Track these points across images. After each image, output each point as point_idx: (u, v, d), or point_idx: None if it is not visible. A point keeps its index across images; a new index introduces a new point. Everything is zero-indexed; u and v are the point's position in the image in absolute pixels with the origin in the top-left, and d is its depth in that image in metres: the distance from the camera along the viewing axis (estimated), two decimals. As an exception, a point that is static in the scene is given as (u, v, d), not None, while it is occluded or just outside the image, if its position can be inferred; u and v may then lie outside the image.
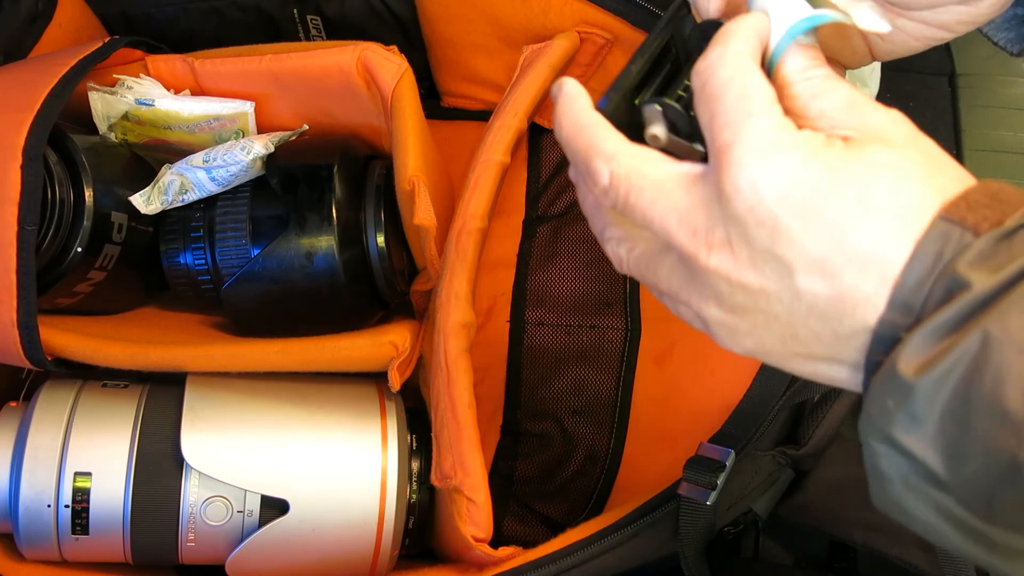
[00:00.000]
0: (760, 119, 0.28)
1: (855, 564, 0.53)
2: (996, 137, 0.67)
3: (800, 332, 0.29)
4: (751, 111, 0.28)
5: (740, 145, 0.28)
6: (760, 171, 0.27)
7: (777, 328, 0.29)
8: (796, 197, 0.27)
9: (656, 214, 0.30)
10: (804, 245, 0.27)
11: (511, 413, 0.60)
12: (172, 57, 0.53)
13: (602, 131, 0.31)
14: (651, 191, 0.30)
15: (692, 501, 0.45)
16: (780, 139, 0.28)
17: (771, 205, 0.27)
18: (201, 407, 0.50)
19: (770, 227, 0.28)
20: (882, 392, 0.26)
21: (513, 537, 0.58)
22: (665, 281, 0.31)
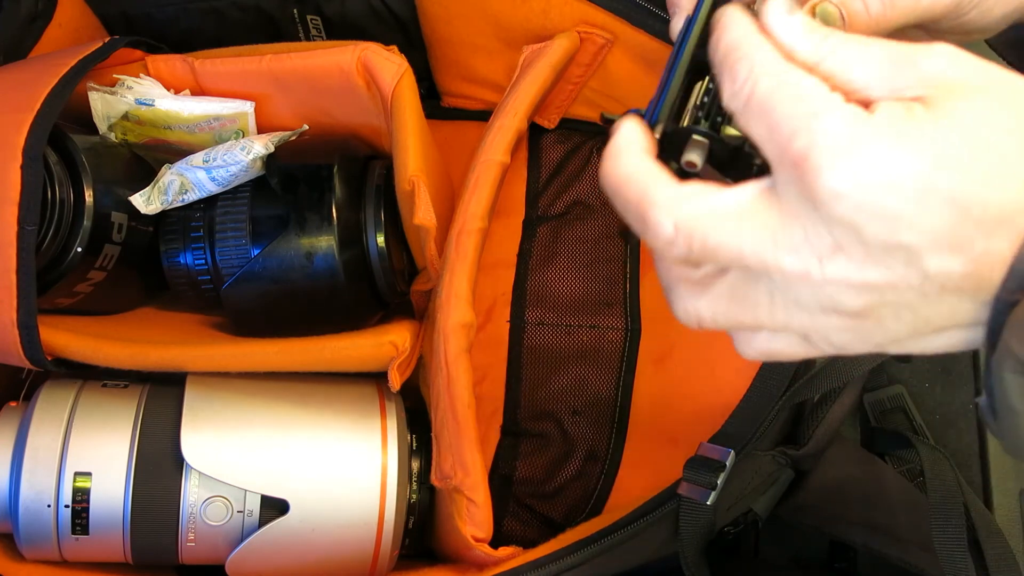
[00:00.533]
0: (829, 116, 0.27)
1: (855, 564, 0.53)
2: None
3: (934, 313, 0.27)
4: (815, 110, 0.27)
5: (820, 148, 0.26)
6: (853, 168, 0.26)
7: (908, 316, 0.28)
8: (900, 180, 0.26)
9: (746, 243, 0.28)
10: (925, 225, 0.26)
11: (511, 413, 0.60)
12: (172, 57, 0.53)
13: (652, 179, 0.29)
14: (728, 224, 0.28)
15: (692, 501, 0.45)
16: (858, 130, 0.26)
17: (879, 196, 0.26)
18: (201, 407, 0.50)
19: (885, 218, 0.26)
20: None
21: (513, 537, 0.58)
22: (767, 315, 0.29)
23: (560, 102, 0.61)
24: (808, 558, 0.55)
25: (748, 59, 0.29)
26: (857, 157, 0.26)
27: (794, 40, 0.29)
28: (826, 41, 0.29)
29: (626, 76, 0.57)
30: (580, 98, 0.61)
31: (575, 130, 0.64)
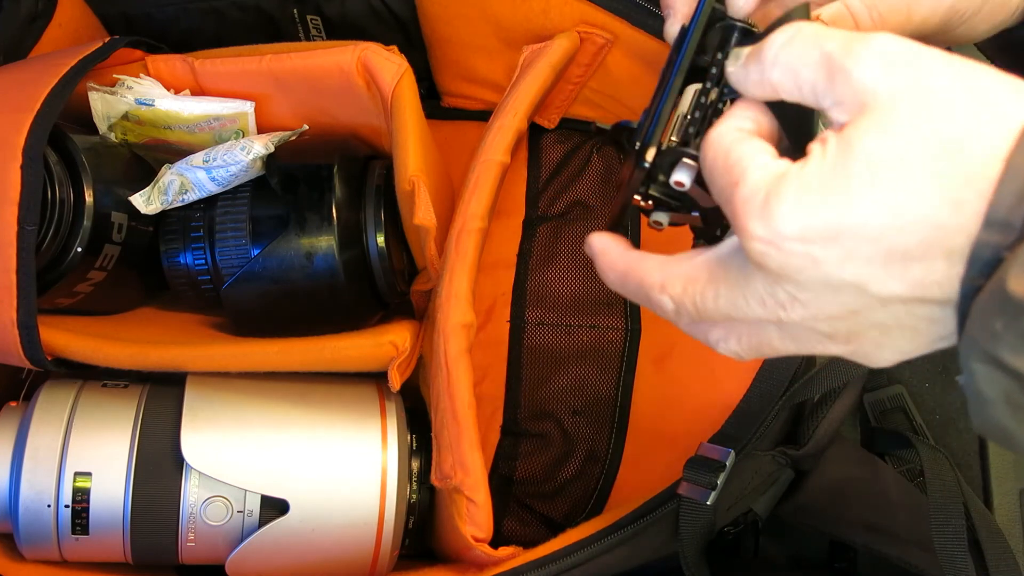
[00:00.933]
0: (748, 178, 0.28)
1: (855, 564, 0.53)
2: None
3: (912, 320, 0.28)
4: (739, 175, 0.29)
5: (739, 212, 0.28)
6: (767, 225, 0.27)
7: (899, 333, 0.29)
8: (814, 223, 0.27)
9: (725, 307, 0.30)
10: (852, 265, 0.27)
11: (511, 413, 0.60)
12: (172, 57, 0.53)
13: (643, 265, 0.32)
14: (711, 290, 0.30)
15: (692, 501, 0.45)
16: (771, 187, 0.28)
17: (796, 247, 0.27)
18: (201, 407, 0.50)
19: (810, 265, 0.27)
20: (988, 312, 0.25)
21: (513, 537, 0.58)
22: (782, 347, 0.31)
23: (560, 102, 0.61)
24: (808, 558, 0.55)
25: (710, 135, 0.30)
26: (769, 214, 0.27)
27: (737, 74, 0.31)
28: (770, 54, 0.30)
29: (626, 76, 0.57)
30: (580, 98, 0.61)
31: (575, 130, 0.64)
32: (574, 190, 0.63)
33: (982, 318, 0.26)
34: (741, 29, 0.35)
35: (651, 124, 0.33)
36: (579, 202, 0.63)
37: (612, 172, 0.63)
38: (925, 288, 0.27)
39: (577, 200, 0.63)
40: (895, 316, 0.28)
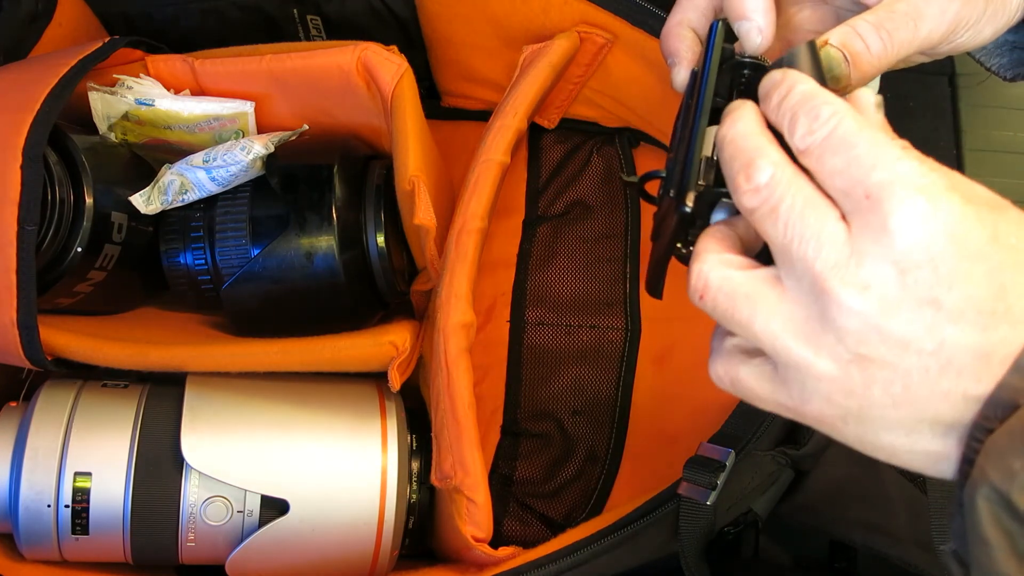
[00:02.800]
0: (910, 162, 0.28)
1: (855, 564, 0.53)
2: (996, 137, 0.67)
3: (921, 393, 0.28)
4: (897, 155, 0.28)
5: (902, 185, 0.27)
6: (928, 212, 0.27)
7: (897, 387, 0.28)
8: (966, 239, 0.27)
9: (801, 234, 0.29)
10: (966, 289, 0.27)
11: (511, 413, 0.60)
12: (172, 57, 0.53)
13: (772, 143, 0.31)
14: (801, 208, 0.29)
15: (692, 501, 0.45)
16: (936, 180, 0.27)
17: (940, 246, 0.27)
18: (201, 407, 0.50)
19: (934, 268, 0.27)
20: (1008, 451, 0.25)
21: (513, 537, 0.58)
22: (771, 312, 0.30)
23: (560, 102, 0.61)
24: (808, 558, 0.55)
25: (831, 104, 0.30)
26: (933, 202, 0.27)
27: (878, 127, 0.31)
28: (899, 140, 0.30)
29: (626, 76, 0.57)
30: (580, 98, 0.61)
31: (575, 130, 0.64)
32: (574, 190, 0.63)
33: (1000, 456, 0.26)
34: (751, 66, 0.35)
35: (684, 169, 0.33)
36: (579, 202, 0.63)
37: (612, 172, 0.63)
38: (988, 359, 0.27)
39: (577, 200, 0.63)
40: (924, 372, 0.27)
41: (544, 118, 0.63)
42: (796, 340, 0.29)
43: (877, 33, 0.35)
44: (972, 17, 0.36)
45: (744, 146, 0.31)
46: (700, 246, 0.32)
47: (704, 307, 0.31)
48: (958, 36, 0.37)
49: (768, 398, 0.31)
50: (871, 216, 0.27)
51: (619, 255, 0.62)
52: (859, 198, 0.28)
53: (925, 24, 0.35)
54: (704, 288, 0.31)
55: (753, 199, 0.30)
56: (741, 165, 0.31)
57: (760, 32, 0.37)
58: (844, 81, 0.35)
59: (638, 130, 0.62)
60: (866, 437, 0.30)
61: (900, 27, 0.35)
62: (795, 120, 0.30)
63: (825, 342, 0.28)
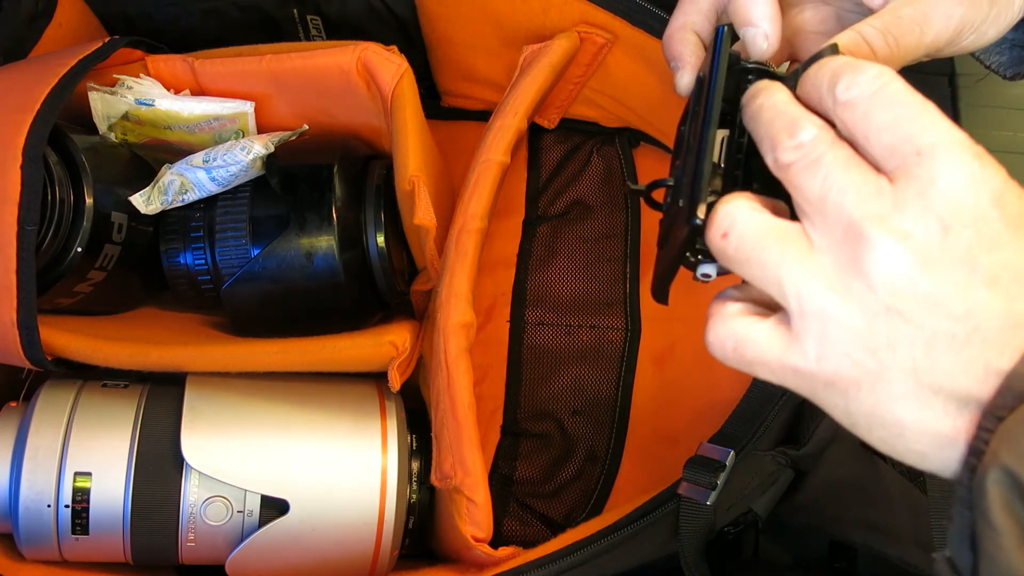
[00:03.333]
0: (956, 127, 0.28)
1: (855, 564, 0.53)
2: (996, 137, 0.67)
3: (943, 363, 0.27)
4: (947, 121, 0.28)
5: (952, 143, 0.27)
6: (981, 171, 0.27)
7: (920, 349, 0.27)
8: (1011, 206, 0.27)
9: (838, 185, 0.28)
10: (1004, 255, 0.26)
11: (511, 413, 0.60)
12: (172, 57, 0.53)
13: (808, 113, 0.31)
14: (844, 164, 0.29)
15: (692, 501, 0.45)
16: (982, 149, 0.27)
17: (986, 205, 0.27)
18: (201, 407, 0.50)
19: (976, 228, 0.27)
20: (1023, 437, 0.25)
21: (513, 537, 0.58)
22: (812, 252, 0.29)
23: (560, 102, 0.61)
24: (808, 558, 0.55)
25: (876, 66, 0.29)
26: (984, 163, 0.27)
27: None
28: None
29: (626, 76, 0.57)
30: (580, 98, 0.61)
31: (575, 130, 0.64)
32: (574, 190, 0.63)
33: (1015, 438, 0.25)
34: (756, 71, 0.35)
35: (695, 180, 0.33)
36: (579, 202, 0.63)
37: (612, 172, 0.63)
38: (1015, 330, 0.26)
39: (577, 200, 0.63)
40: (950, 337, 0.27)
41: (544, 118, 0.63)
42: (824, 286, 0.28)
43: (884, 39, 0.35)
44: (977, 20, 0.36)
45: (786, 110, 0.31)
46: (729, 197, 0.31)
47: (725, 247, 0.30)
48: (963, 39, 0.37)
49: (776, 360, 0.30)
50: (920, 170, 0.27)
51: (619, 255, 0.62)
52: (908, 153, 0.28)
53: (931, 29, 0.35)
54: (730, 226, 0.30)
55: (795, 153, 0.29)
56: (784, 124, 0.30)
57: (766, 38, 0.37)
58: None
59: (638, 130, 0.62)
60: (878, 407, 0.28)
61: (906, 33, 0.35)
62: (837, 76, 0.30)
63: (856, 289, 0.28)
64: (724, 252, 0.30)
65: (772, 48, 0.37)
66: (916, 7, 0.35)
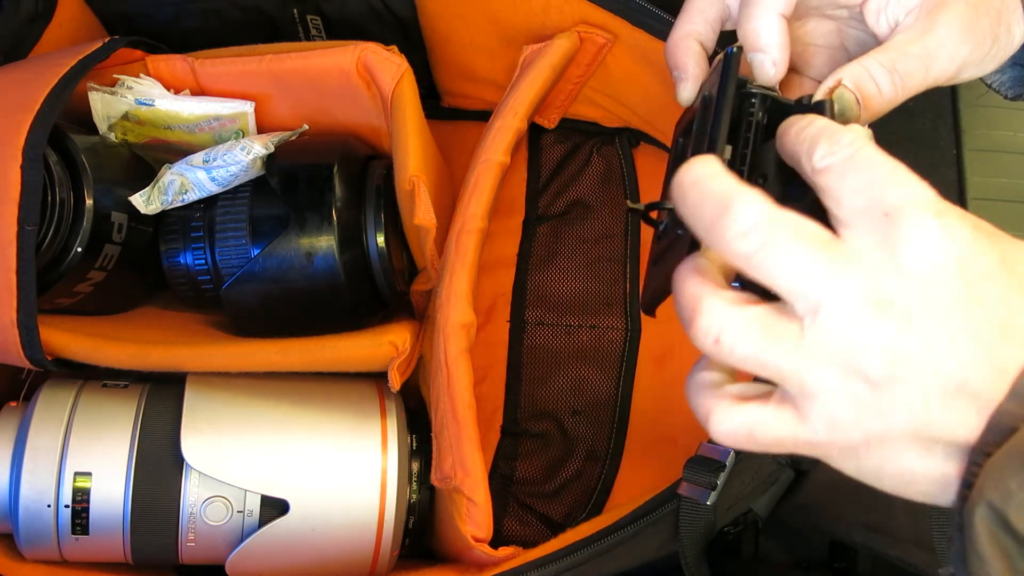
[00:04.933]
0: (927, 188, 0.28)
1: (855, 564, 0.53)
2: (996, 137, 0.67)
3: (941, 409, 0.28)
4: (916, 180, 0.28)
5: (919, 204, 0.28)
6: (946, 230, 0.27)
7: (918, 407, 0.28)
8: (979, 261, 0.27)
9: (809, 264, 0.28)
10: (979, 310, 0.27)
11: (511, 413, 0.60)
12: (172, 57, 0.53)
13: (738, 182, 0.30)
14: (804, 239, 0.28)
15: (692, 501, 0.45)
16: (949, 207, 0.28)
17: (955, 266, 0.27)
18: (201, 407, 0.50)
19: (948, 286, 0.27)
20: (1005, 471, 0.26)
21: (513, 537, 0.58)
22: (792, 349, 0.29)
23: (560, 102, 0.61)
24: (808, 558, 0.55)
25: (851, 132, 0.30)
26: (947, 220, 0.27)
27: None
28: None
29: (626, 76, 0.57)
30: (580, 98, 0.61)
31: (575, 130, 0.64)
32: (574, 190, 0.63)
33: (999, 475, 0.26)
34: (761, 96, 0.35)
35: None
36: (579, 202, 0.63)
37: (612, 172, 0.63)
38: (995, 380, 0.27)
39: (577, 200, 0.63)
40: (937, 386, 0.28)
41: (544, 118, 0.63)
42: (822, 367, 0.28)
43: (890, 77, 0.35)
44: (978, 58, 0.37)
45: (712, 189, 0.29)
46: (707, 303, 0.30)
47: (720, 352, 0.30)
48: (963, 74, 0.37)
49: (791, 439, 0.30)
50: (889, 232, 0.28)
51: (619, 255, 0.62)
52: (878, 215, 0.28)
53: (936, 67, 0.36)
54: (719, 333, 0.30)
55: (743, 245, 0.29)
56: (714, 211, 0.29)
57: (774, 64, 0.37)
58: (852, 122, 0.35)
59: (638, 130, 0.62)
60: (886, 462, 0.29)
61: (912, 71, 0.35)
62: (815, 143, 0.30)
63: (853, 362, 0.28)
64: (721, 357, 0.30)
65: (780, 75, 0.38)
66: (922, 46, 0.36)
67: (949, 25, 0.36)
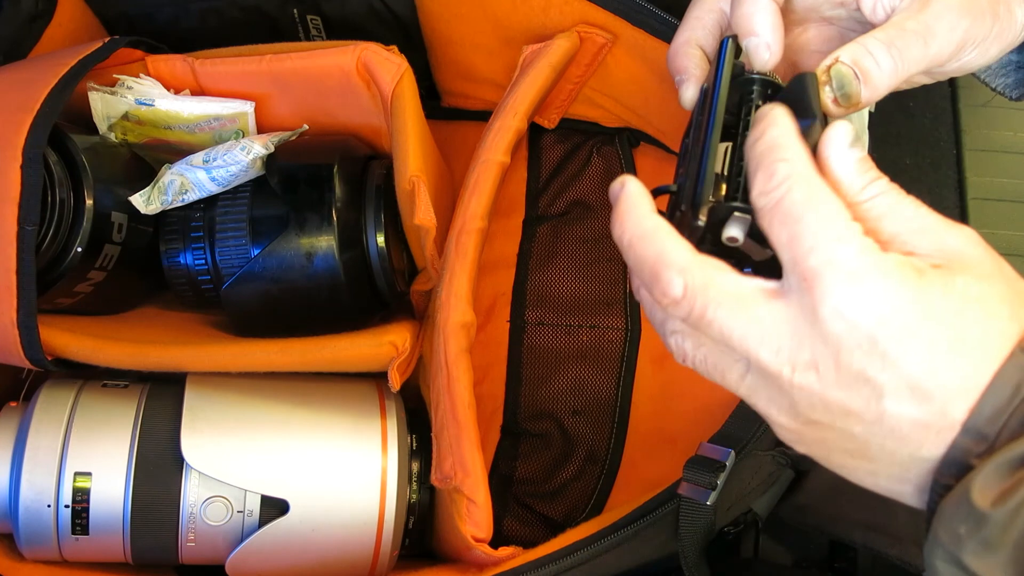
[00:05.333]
0: (848, 244, 0.28)
1: (855, 564, 0.53)
2: (996, 137, 0.67)
3: (873, 451, 0.29)
4: (838, 235, 0.28)
5: (834, 270, 0.28)
6: (859, 296, 0.28)
7: (849, 444, 0.30)
8: (895, 321, 0.28)
9: (736, 330, 0.30)
10: (899, 368, 0.28)
11: (511, 413, 0.60)
12: (172, 57, 0.53)
13: (671, 240, 0.31)
14: (729, 307, 0.30)
15: (692, 501, 0.45)
16: (872, 263, 0.28)
17: (871, 328, 0.28)
18: (201, 407, 0.50)
19: (866, 350, 0.28)
20: (953, 517, 0.27)
21: (513, 537, 0.58)
22: (734, 384, 0.31)
23: (560, 102, 0.61)
24: (808, 558, 0.55)
25: (787, 163, 0.30)
26: (864, 287, 0.28)
27: (845, 172, 0.30)
28: (872, 185, 0.30)
29: (626, 76, 0.57)
30: (580, 98, 0.61)
31: (575, 130, 0.64)
32: (574, 190, 0.63)
33: (948, 521, 0.27)
34: (760, 82, 0.35)
35: (697, 184, 0.33)
36: (579, 202, 0.63)
37: (612, 172, 0.63)
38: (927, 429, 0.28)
39: (577, 200, 0.63)
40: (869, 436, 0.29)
41: (544, 118, 0.63)
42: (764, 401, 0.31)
43: (888, 51, 0.35)
44: (980, 35, 0.37)
45: (640, 255, 0.32)
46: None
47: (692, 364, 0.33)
48: (965, 54, 0.37)
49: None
50: (806, 298, 0.28)
51: (619, 255, 0.62)
52: (799, 278, 0.29)
53: (935, 41, 0.36)
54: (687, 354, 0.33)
55: (677, 311, 0.31)
56: (648, 277, 0.31)
57: (768, 48, 0.37)
58: (855, 98, 0.35)
59: (638, 130, 0.62)
60: (843, 472, 0.31)
61: (911, 45, 0.35)
62: (755, 173, 0.31)
63: (783, 405, 0.30)
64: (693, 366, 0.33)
65: (775, 58, 0.38)
66: (920, 20, 0.36)
67: (945, 0, 0.36)
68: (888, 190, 0.30)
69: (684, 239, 0.31)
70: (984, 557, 0.26)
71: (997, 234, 0.66)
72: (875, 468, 0.30)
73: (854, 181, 0.30)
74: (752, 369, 0.30)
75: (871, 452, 0.30)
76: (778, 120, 0.31)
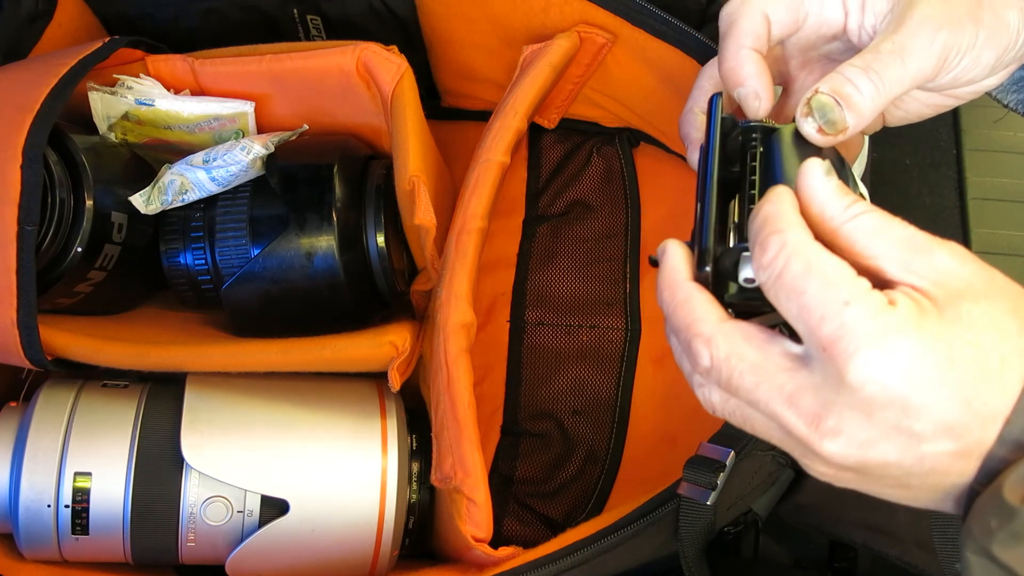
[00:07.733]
0: (857, 307, 0.29)
1: (855, 564, 0.53)
2: (996, 137, 0.67)
3: (914, 484, 0.31)
4: (845, 299, 0.29)
5: (850, 337, 0.28)
6: (882, 359, 0.28)
7: (888, 482, 0.31)
8: (921, 373, 0.28)
9: (761, 397, 0.30)
10: (932, 414, 0.28)
11: (511, 413, 0.60)
12: (172, 57, 0.53)
13: (701, 308, 0.32)
14: (753, 374, 0.31)
15: (692, 501, 0.45)
16: (884, 322, 0.28)
17: (899, 386, 0.28)
18: (201, 407, 0.50)
19: (900, 406, 0.28)
20: (986, 512, 0.28)
21: (513, 537, 0.57)
22: (763, 436, 0.32)
23: (560, 102, 0.61)
24: (808, 558, 0.55)
25: (779, 235, 0.30)
26: (884, 349, 0.28)
27: (825, 197, 0.31)
28: (855, 204, 0.31)
29: (626, 76, 0.57)
30: (580, 98, 0.61)
31: (575, 130, 0.64)
32: (574, 190, 0.63)
33: (980, 516, 0.29)
34: (760, 129, 0.36)
35: (702, 235, 0.34)
36: (579, 202, 0.63)
37: (612, 172, 0.63)
38: (967, 458, 0.29)
39: (577, 200, 0.63)
40: (907, 476, 0.30)
41: (544, 118, 0.63)
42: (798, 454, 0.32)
43: (866, 75, 0.36)
44: (964, 44, 0.37)
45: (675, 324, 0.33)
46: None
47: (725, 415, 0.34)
48: (953, 65, 0.37)
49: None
50: (829, 367, 0.29)
51: (619, 255, 0.62)
52: (817, 348, 0.29)
53: (913, 58, 0.36)
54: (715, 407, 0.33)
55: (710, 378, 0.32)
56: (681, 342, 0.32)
57: (757, 96, 0.38)
58: (841, 124, 0.35)
59: (638, 130, 0.62)
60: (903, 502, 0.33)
61: (888, 66, 0.36)
62: (754, 250, 0.31)
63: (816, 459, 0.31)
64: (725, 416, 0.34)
65: (765, 105, 0.38)
66: (895, 40, 0.36)
67: (918, 15, 0.36)
68: (872, 208, 0.31)
69: (715, 305, 0.32)
70: (1012, 548, 0.28)
71: (997, 234, 0.66)
72: (916, 495, 0.31)
73: (835, 204, 0.31)
74: (782, 429, 0.31)
75: (912, 484, 0.31)
76: (772, 196, 0.32)
